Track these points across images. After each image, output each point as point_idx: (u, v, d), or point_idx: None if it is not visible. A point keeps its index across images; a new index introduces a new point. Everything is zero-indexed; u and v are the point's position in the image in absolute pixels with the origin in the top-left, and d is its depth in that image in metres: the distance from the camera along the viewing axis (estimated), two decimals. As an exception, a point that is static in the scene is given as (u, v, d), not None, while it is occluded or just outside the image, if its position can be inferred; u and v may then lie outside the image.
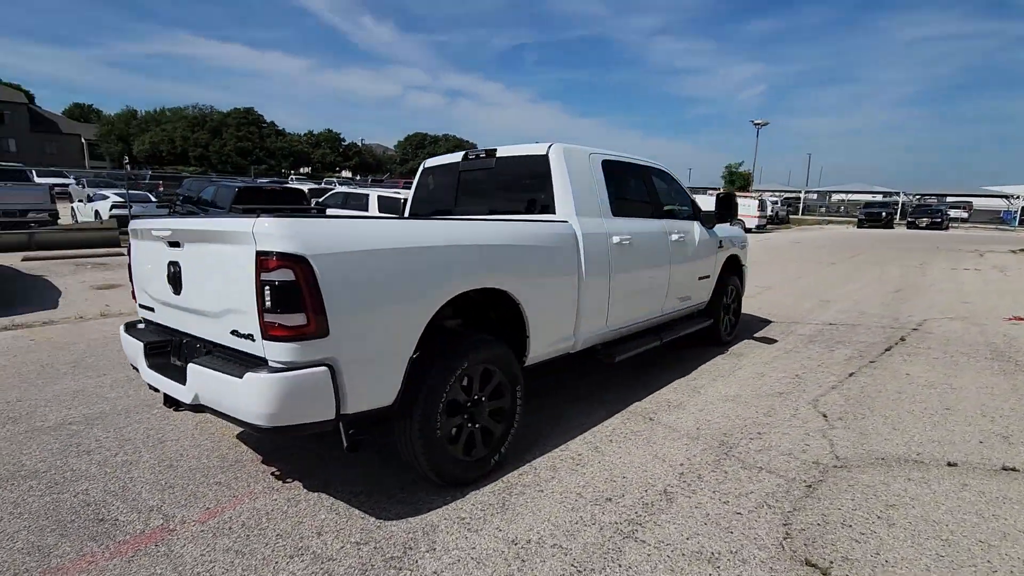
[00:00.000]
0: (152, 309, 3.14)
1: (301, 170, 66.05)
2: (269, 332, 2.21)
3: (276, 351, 2.24)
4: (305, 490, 3.01)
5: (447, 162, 4.65)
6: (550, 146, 3.94)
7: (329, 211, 11.45)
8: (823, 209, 57.01)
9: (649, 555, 2.45)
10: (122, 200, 15.09)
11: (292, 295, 2.18)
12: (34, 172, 31.86)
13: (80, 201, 17.15)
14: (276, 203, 11.84)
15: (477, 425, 3.08)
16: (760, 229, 26.96)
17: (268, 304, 2.19)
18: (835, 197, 65.32)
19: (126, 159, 56.41)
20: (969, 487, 3.01)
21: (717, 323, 5.88)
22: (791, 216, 39.66)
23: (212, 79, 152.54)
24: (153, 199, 16.48)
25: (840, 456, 3.39)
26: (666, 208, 5.08)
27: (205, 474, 3.17)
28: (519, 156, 4.11)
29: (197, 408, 2.56)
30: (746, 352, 5.83)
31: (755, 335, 6.55)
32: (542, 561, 2.40)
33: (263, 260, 2.18)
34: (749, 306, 8.20)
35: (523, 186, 4.10)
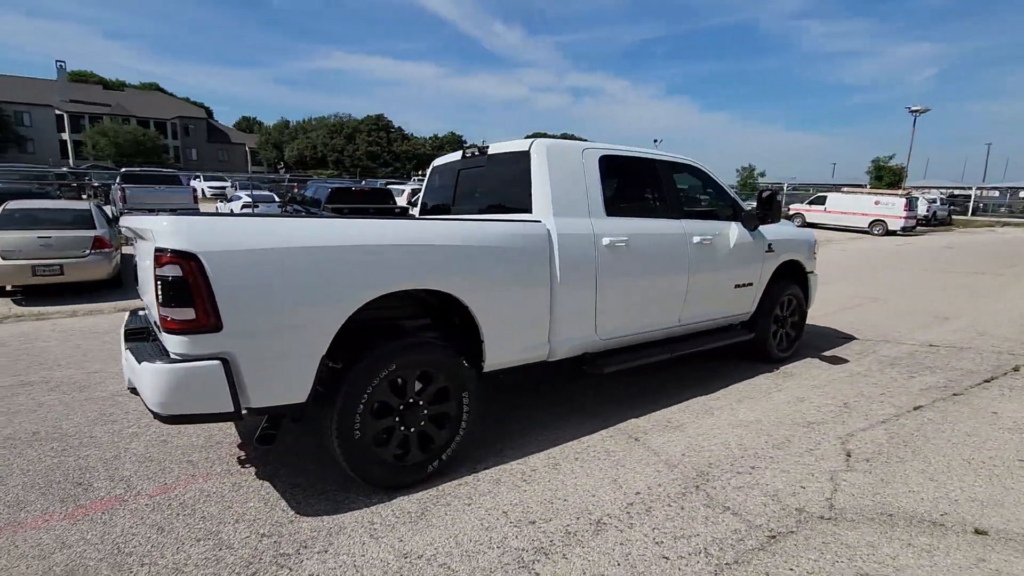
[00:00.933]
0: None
1: (423, 171, 70.01)
2: (164, 325, 2.33)
3: (172, 343, 2.36)
4: (254, 477, 3.15)
5: (451, 161, 4.61)
6: (532, 142, 3.74)
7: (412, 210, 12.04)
8: (1005, 208, 48.08)
9: (535, 590, 2.23)
10: (251, 200, 16.98)
11: (181, 290, 2.28)
12: (202, 176, 37.24)
13: (223, 201, 19.65)
14: (365, 202, 12.62)
15: (412, 430, 3.01)
16: (907, 231, 23.51)
17: (161, 298, 2.31)
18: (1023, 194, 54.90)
19: (281, 165, 63.69)
20: (985, 564, 2.34)
21: (765, 338, 5.21)
22: (954, 216, 34.02)
23: (357, 89, 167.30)
24: (276, 199, 18.40)
25: (836, 506, 2.82)
26: (691, 207, 4.60)
27: (185, 452, 3.44)
28: (506, 153, 3.96)
29: (133, 391, 2.78)
30: (799, 372, 5.10)
31: (823, 353, 5.71)
32: (419, 580, 2.28)
33: (158, 256, 2.30)
34: (838, 320, 7.21)
35: (509, 184, 3.93)
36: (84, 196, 17.70)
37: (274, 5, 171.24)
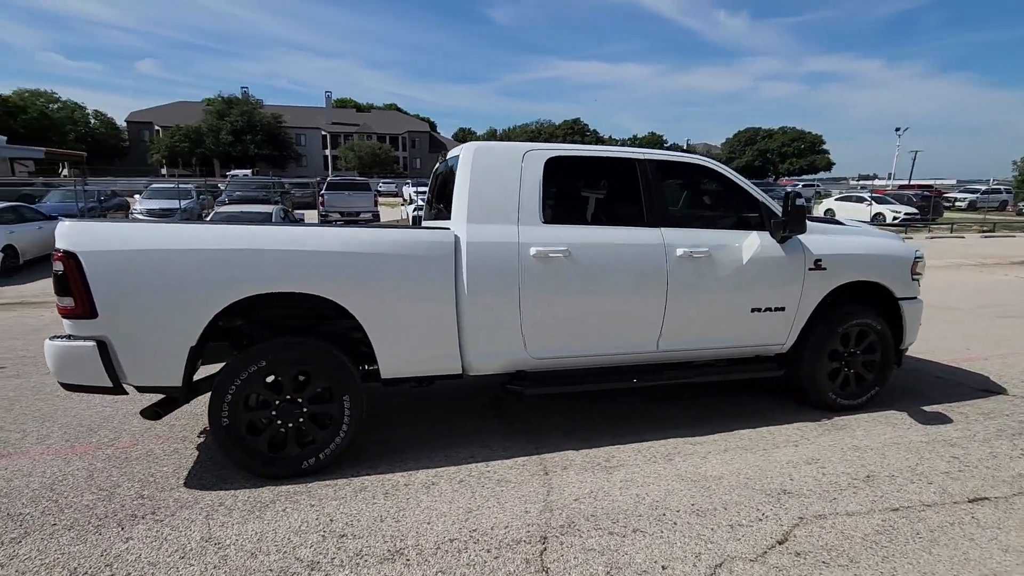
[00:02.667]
0: None
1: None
2: (57, 310, 2.87)
3: (65, 326, 2.89)
4: (193, 447, 3.63)
5: (437, 165, 4.62)
6: (465, 145, 3.59)
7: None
8: None
9: (263, 602, 2.20)
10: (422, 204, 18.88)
11: (64, 282, 2.78)
12: (411, 182, 42.49)
13: (407, 204, 22.22)
14: None
15: (290, 425, 3.17)
16: None
17: (53, 288, 2.85)
18: None
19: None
20: None
21: (811, 378, 4.13)
22: None
23: (570, 94, 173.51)
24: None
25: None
26: (691, 214, 3.90)
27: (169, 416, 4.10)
28: (452, 157, 3.85)
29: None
30: (854, 427, 3.95)
31: (925, 407, 4.31)
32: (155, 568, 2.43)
33: (54, 253, 2.84)
34: (1008, 365, 5.35)
35: (452, 189, 3.82)
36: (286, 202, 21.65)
37: (499, 23, 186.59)
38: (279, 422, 3.15)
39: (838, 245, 4.12)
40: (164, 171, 62.52)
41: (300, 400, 3.18)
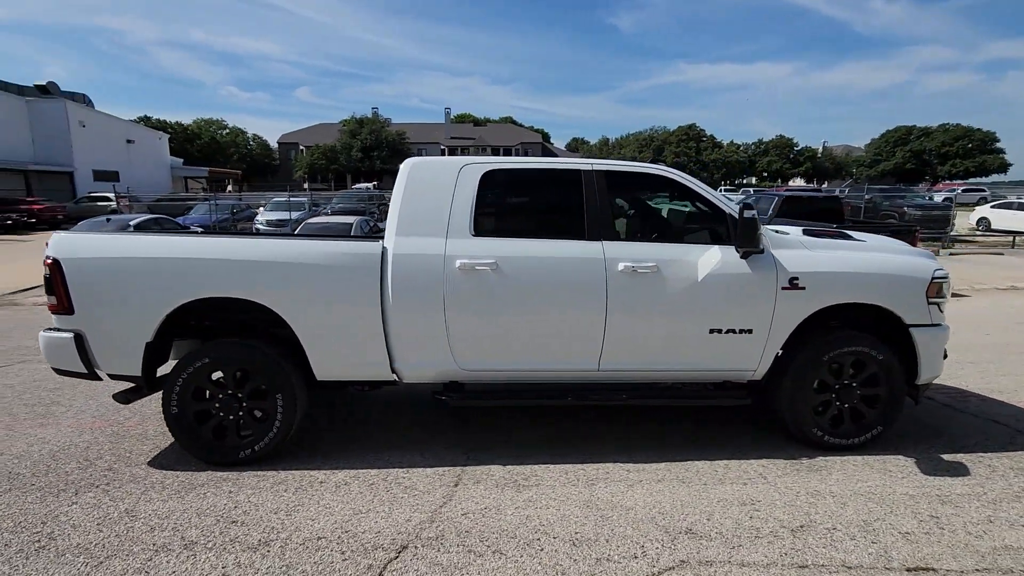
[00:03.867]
0: None
1: (742, 180, 65.36)
2: (48, 307, 3.45)
3: (52, 320, 3.46)
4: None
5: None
6: (405, 160, 3.72)
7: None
8: None
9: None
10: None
11: (49, 283, 3.35)
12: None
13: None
14: (815, 210, 12.12)
15: (231, 417, 3.51)
16: None
17: (44, 288, 3.43)
18: None
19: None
20: None
21: (791, 412, 3.68)
22: None
23: (694, 99, 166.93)
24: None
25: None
26: (631, 225, 3.70)
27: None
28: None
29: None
30: (837, 470, 3.46)
31: (945, 454, 3.66)
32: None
33: (44, 259, 3.42)
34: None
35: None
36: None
37: (623, 32, 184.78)
38: (221, 414, 3.50)
39: (822, 261, 3.64)
40: (306, 185, 70.36)
41: (240, 395, 3.50)
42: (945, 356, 3.81)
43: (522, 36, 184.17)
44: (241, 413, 3.52)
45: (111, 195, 25.91)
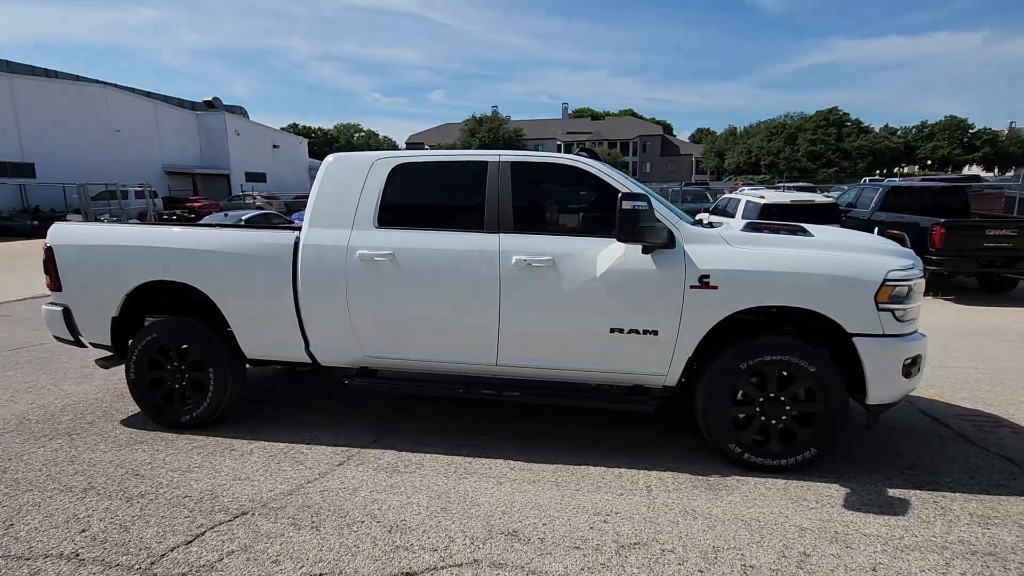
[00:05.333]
0: None
1: (899, 169, 57.62)
2: (47, 285, 4.18)
3: (51, 296, 4.19)
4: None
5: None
6: (326, 157, 3.94)
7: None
8: None
9: None
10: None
11: (45, 265, 4.07)
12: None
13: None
14: (930, 204, 10.93)
15: (177, 386, 4.00)
16: None
17: (43, 269, 4.16)
18: None
19: (727, 172, 65.01)
20: None
21: (703, 423, 3.34)
22: None
23: (849, 79, 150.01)
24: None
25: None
26: (533, 218, 3.57)
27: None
28: None
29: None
30: (743, 491, 3.09)
31: (893, 489, 3.11)
32: None
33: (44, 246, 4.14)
34: None
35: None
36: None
37: (767, 12, 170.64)
38: (169, 383, 4.01)
39: (741, 258, 3.24)
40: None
41: (183, 367, 3.97)
42: (910, 373, 3.21)
43: (651, 24, 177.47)
44: (184, 383, 3.99)
45: (255, 193, 29.63)
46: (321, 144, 65.17)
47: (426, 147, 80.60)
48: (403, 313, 3.62)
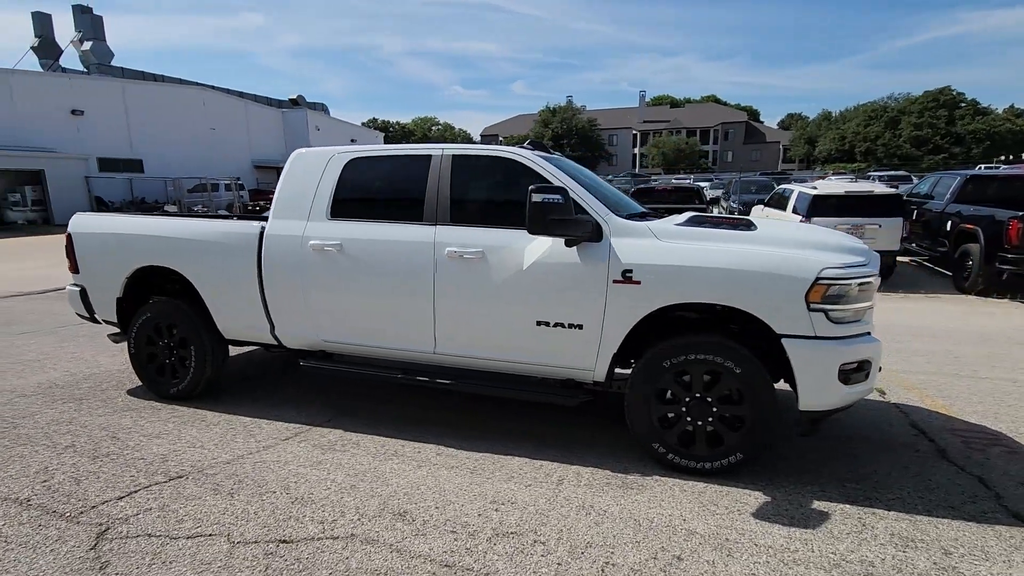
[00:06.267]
0: None
1: (1002, 158, 51.09)
2: (68, 268, 4.75)
3: (71, 278, 4.76)
4: (178, 370, 5.29)
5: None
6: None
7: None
8: None
9: None
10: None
11: (66, 251, 4.63)
12: (692, 177, 40.60)
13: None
14: (1011, 194, 10.08)
15: (168, 361, 4.44)
16: None
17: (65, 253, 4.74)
18: None
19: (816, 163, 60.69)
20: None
21: (630, 421, 3.27)
22: None
23: (974, 56, 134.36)
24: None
25: (132, 541, 2.51)
26: (472, 210, 3.61)
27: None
28: None
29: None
30: (652, 491, 3.02)
31: (822, 501, 2.91)
32: None
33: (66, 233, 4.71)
34: None
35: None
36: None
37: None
38: (160, 357, 4.45)
39: (666, 253, 3.13)
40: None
41: (172, 344, 4.41)
42: (850, 380, 2.97)
43: (746, 4, 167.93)
44: (172, 359, 4.42)
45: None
46: (399, 137, 67.65)
47: (499, 140, 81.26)
48: (350, 300, 3.81)
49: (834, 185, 10.91)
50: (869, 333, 3.10)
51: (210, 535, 2.61)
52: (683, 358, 3.12)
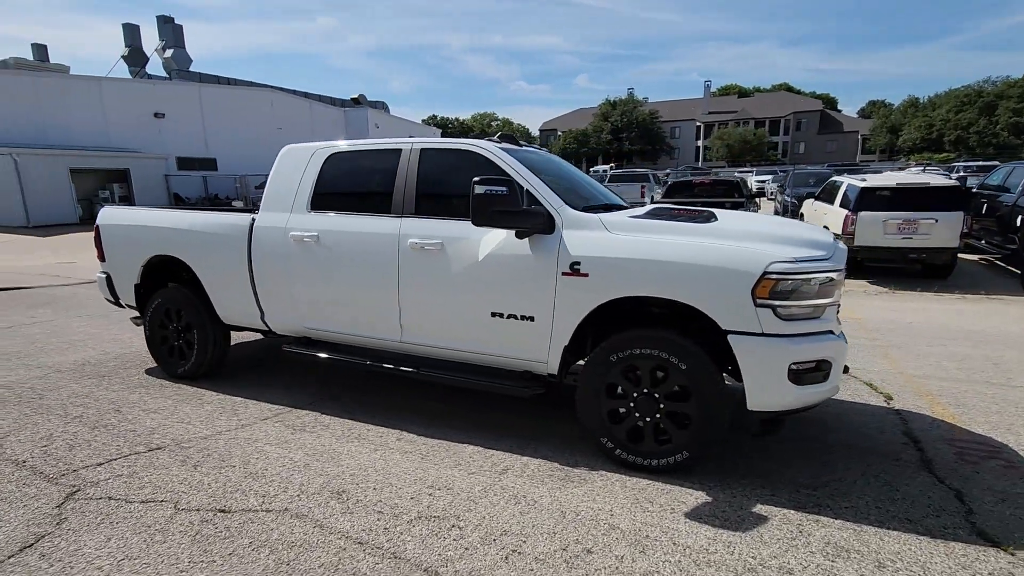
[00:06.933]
0: None
1: None
2: (96, 256, 5.22)
3: (99, 265, 5.23)
4: (197, 352, 5.70)
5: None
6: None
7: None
8: None
9: None
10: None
11: (95, 240, 5.10)
12: (754, 172, 38.72)
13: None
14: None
15: (177, 343, 4.81)
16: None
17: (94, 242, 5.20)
18: None
19: (904, 153, 56.60)
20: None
21: (584, 418, 3.25)
22: None
23: None
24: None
25: None
26: (436, 202, 3.67)
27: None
28: None
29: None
30: (594, 485, 2.99)
31: (769, 498, 2.79)
32: None
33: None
34: None
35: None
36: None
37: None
38: (170, 340, 4.82)
39: (613, 245, 3.07)
40: (560, 169, 75.44)
41: (179, 328, 4.76)
42: (802, 380, 2.82)
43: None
44: (180, 341, 4.78)
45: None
46: (456, 134, 68.64)
47: (558, 133, 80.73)
48: (326, 289, 3.98)
49: (885, 177, 10.16)
50: (831, 332, 2.92)
51: (161, 501, 2.84)
52: (628, 352, 3.06)
